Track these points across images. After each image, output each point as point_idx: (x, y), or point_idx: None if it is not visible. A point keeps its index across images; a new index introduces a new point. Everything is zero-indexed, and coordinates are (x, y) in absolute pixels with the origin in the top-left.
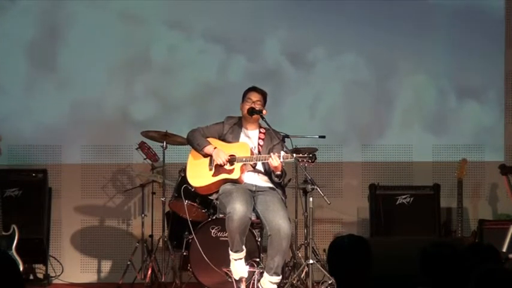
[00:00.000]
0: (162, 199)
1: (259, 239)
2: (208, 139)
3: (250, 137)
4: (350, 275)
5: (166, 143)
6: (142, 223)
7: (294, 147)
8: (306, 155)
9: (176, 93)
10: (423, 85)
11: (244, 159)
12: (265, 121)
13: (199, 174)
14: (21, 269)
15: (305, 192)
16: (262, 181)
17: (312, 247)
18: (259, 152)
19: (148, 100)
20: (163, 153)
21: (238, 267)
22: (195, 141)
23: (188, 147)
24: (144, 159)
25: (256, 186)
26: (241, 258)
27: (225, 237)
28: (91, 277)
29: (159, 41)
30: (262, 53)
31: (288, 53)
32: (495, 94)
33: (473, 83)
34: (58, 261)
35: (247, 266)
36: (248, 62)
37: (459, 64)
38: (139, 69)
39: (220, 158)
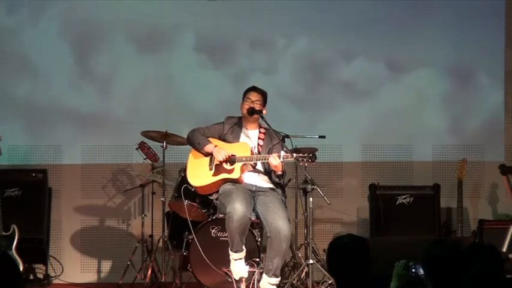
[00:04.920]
0: (162, 199)
1: (259, 239)
2: (208, 139)
3: (250, 137)
4: (349, 275)
5: (166, 143)
6: (142, 223)
7: (293, 147)
8: (306, 155)
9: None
10: (423, 85)
11: (244, 159)
12: (265, 121)
13: (199, 174)
14: (21, 269)
15: (305, 192)
16: (262, 181)
17: (312, 247)
18: (258, 152)
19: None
20: (163, 153)
21: (238, 267)
22: (195, 141)
23: (188, 147)
24: (144, 159)
25: (256, 186)
26: (241, 258)
27: (225, 237)
28: (91, 277)
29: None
30: None
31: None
32: (495, 94)
33: (473, 83)
34: (58, 261)
35: (247, 266)
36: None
37: (459, 64)
38: None
39: (221, 155)
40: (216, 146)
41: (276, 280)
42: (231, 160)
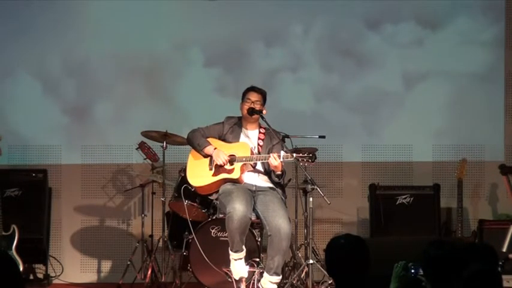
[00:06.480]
0: (162, 199)
1: (259, 239)
2: (208, 139)
3: (250, 137)
4: (348, 275)
5: (166, 143)
6: (143, 223)
7: (293, 147)
8: (306, 155)
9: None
10: (423, 86)
11: (244, 159)
12: (265, 121)
13: (199, 174)
14: (21, 269)
15: (305, 192)
16: (262, 181)
17: (312, 247)
18: (258, 152)
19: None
20: (163, 153)
21: (238, 267)
22: (195, 142)
23: (188, 147)
24: (144, 159)
25: (256, 186)
26: (241, 258)
27: (225, 237)
28: (91, 277)
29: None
30: None
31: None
32: (495, 94)
33: (473, 83)
34: (58, 261)
35: (247, 266)
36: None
37: (459, 64)
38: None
39: (220, 158)
40: (215, 148)
41: (277, 278)
42: (231, 160)
